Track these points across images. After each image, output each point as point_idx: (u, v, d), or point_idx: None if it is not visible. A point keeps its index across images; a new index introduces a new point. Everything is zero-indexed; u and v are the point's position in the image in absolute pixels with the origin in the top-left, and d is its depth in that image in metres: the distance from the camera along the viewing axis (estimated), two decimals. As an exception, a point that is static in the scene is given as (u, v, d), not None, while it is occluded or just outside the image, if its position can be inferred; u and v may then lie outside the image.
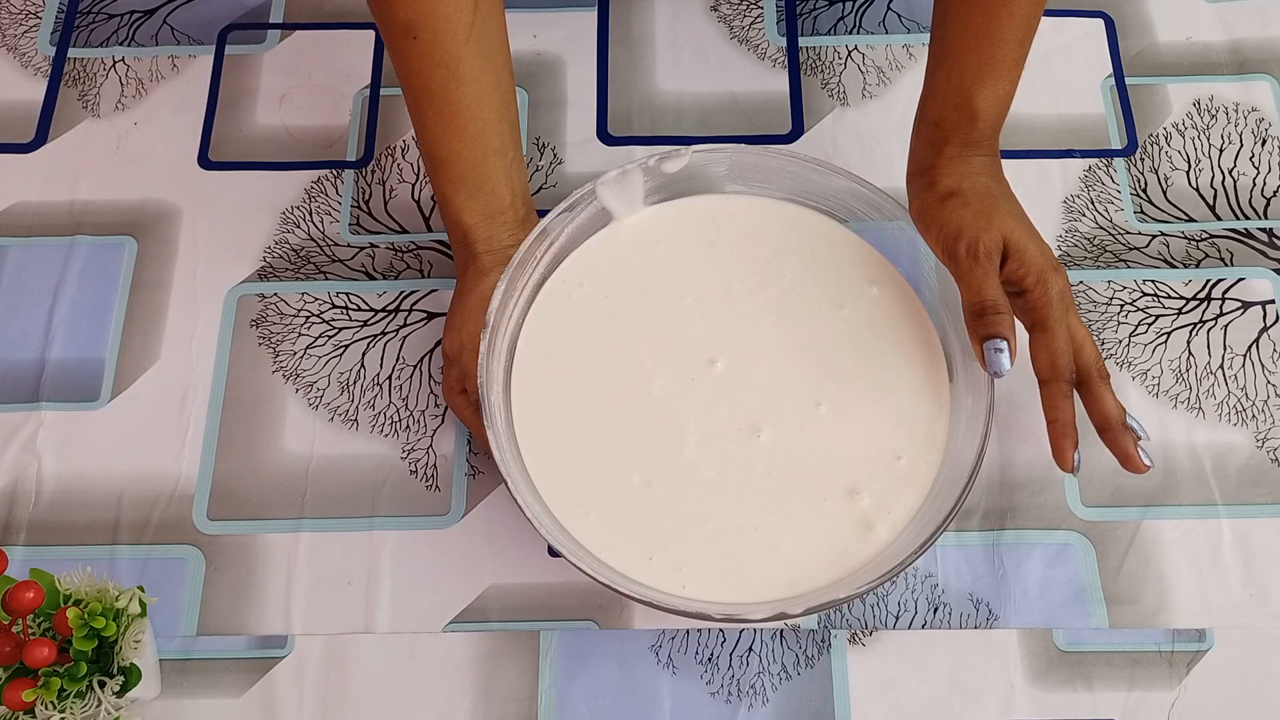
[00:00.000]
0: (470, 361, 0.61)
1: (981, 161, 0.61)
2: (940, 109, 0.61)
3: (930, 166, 0.61)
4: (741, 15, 0.81)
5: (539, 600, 0.63)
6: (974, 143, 0.61)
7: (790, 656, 0.62)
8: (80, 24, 0.81)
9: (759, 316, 0.63)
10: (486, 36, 0.60)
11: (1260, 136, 0.75)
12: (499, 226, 0.63)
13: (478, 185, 0.62)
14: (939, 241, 0.59)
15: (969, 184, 0.60)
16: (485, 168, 0.62)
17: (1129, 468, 0.58)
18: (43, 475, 0.66)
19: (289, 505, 0.65)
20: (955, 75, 0.60)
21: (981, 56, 0.59)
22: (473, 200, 0.63)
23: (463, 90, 0.60)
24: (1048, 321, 0.57)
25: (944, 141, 0.61)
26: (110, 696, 0.55)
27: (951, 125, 0.60)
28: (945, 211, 0.59)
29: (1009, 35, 0.59)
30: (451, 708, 0.61)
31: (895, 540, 0.58)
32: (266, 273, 0.72)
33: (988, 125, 0.60)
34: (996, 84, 0.60)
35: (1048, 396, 0.57)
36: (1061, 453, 0.57)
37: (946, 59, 0.60)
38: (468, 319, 0.62)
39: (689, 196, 0.67)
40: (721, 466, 0.60)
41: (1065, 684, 0.61)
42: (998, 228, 0.57)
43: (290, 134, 0.77)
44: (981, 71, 0.59)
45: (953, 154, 0.60)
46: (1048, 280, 0.57)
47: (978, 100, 0.59)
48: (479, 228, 0.63)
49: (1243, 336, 0.69)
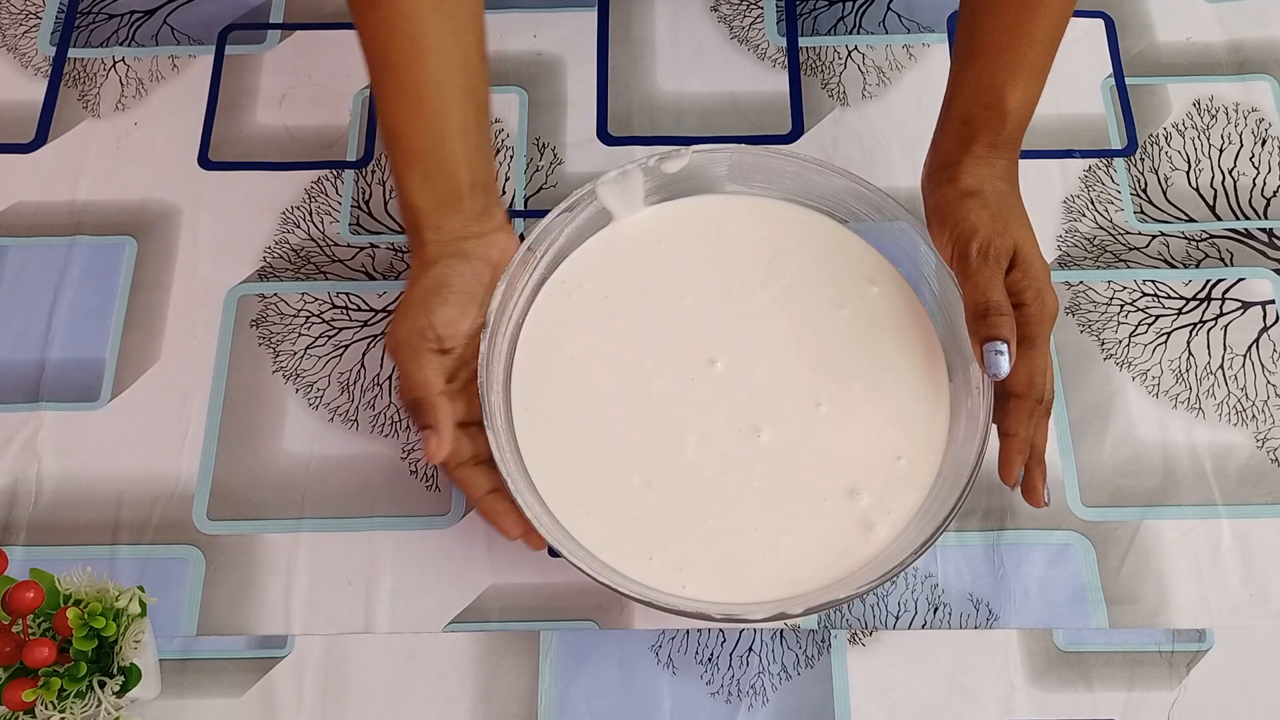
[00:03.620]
0: (407, 359, 0.58)
1: (1004, 165, 0.61)
2: (970, 107, 0.60)
3: (955, 163, 0.61)
4: (741, 15, 0.81)
5: (539, 600, 0.63)
6: (1002, 144, 0.60)
7: (790, 656, 0.62)
8: (80, 24, 0.81)
9: (759, 316, 0.63)
10: (457, 13, 0.58)
11: (1260, 136, 0.75)
12: (452, 214, 0.60)
13: (434, 166, 0.59)
14: (952, 237, 0.59)
15: (990, 186, 0.60)
16: (443, 149, 0.59)
17: (1030, 498, 0.59)
18: (43, 475, 0.66)
19: (289, 505, 0.65)
20: (986, 74, 0.60)
21: (1015, 56, 0.59)
22: (428, 182, 0.59)
23: (425, 64, 0.57)
24: (1036, 339, 0.57)
25: (972, 140, 0.60)
26: (110, 696, 0.55)
27: (981, 124, 0.60)
28: (964, 208, 0.59)
29: (1041, 35, 0.59)
30: (451, 708, 0.61)
31: (895, 540, 0.58)
32: (266, 273, 0.72)
33: (1016, 125, 0.60)
34: (1028, 84, 0.60)
35: (1014, 411, 0.58)
36: (1010, 465, 0.58)
37: (977, 56, 0.60)
38: (404, 315, 0.59)
39: (689, 196, 0.67)
40: (721, 466, 0.60)
41: (1065, 684, 0.61)
42: (1011, 234, 0.58)
43: (290, 134, 0.77)
44: (1013, 71, 0.59)
45: (980, 153, 0.60)
46: (1045, 298, 0.58)
47: (1009, 99, 0.59)
48: (430, 213, 0.60)
49: (1243, 336, 0.69)
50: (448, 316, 0.59)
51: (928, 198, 0.62)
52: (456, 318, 0.59)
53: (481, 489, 0.59)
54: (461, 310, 0.59)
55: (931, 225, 0.61)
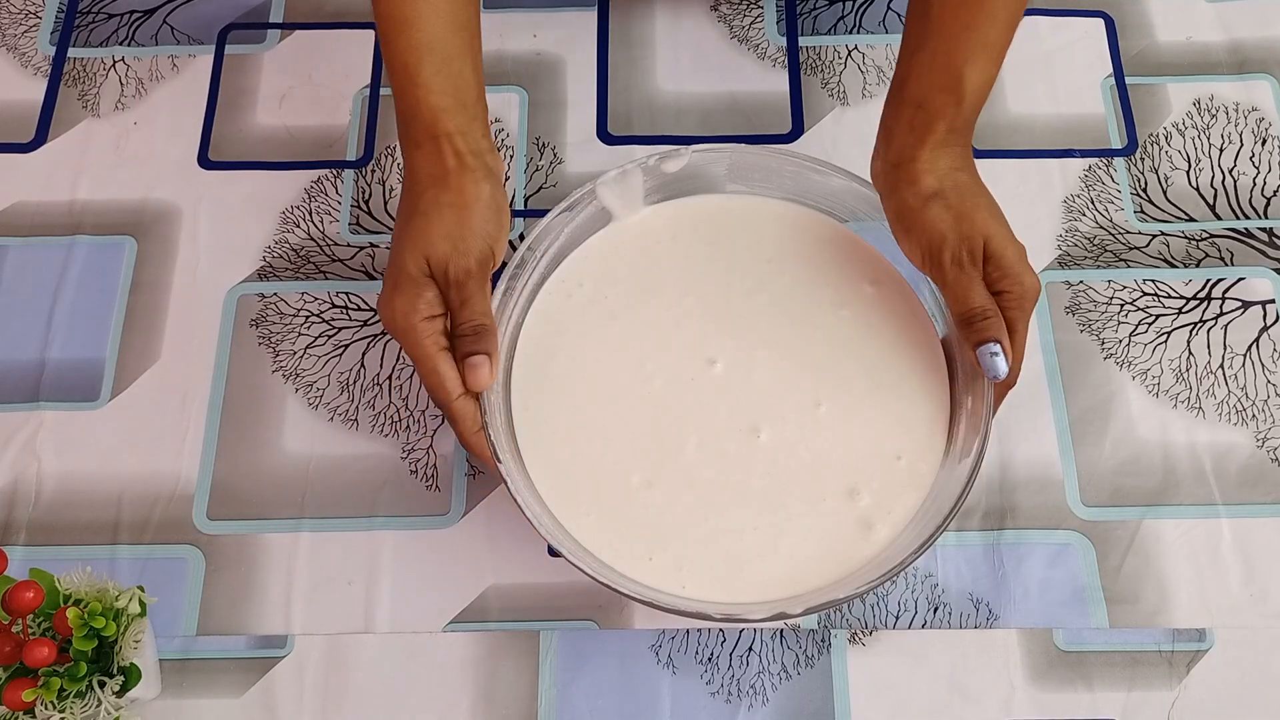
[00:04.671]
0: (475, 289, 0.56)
1: (960, 153, 0.59)
2: (925, 90, 0.58)
3: (911, 159, 0.58)
4: (741, 15, 0.81)
5: (539, 600, 0.63)
6: (958, 128, 0.58)
7: (790, 656, 0.62)
8: (80, 24, 0.81)
9: (759, 316, 0.63)
10: None
11: (1260, 136, 0.75)
12: (473, 119, 0.56)
13: (446, 59, 0.55)
14: (920, 247, 0.58)
15: (950, 182, 0.58)
16: (454, 40, 0.55)
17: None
18: (43, 475, 0.66)
19: (289, 505, 0.65)
20: (943, 54, 0.57)
21: (974, 33, 0.57)
22: (440, 76, 0.55)
23: None
24: (1016, 325, 0.57)
25: (927, 128, 0.58)
26: (110, 696, 0.55)
27: (937, 107, 0.58)
28: (928, 215, 0.57)
29: (1002, 13, 0.57)
30: (451, 708, 0.61)
31: (895, 540, 0.58)
32: (266, 272, 0.72)
33: (972, 109, 0.58)
34: (987, 64, 0.58)
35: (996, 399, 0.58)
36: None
37: (933, 36, 0.58)
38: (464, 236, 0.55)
39: (689, 196, 0.67)
40: (721, 466, 0.60)
41: (1065, 684, 0.61)
42: (979, 231, 0.57)
43: (290, 134, 0.77)
44: (973, 49, 0.57)
45: (935, 141, 0.58)
46: (1024, 281, 0.57)
47: (967, 80, 0.57)
48: (453, 114, 0.55)
49: (1243, 336, 0.69)
50: (502, 243, 0.58)
51: (886, 199, 0.60)
52: (505, 242, 0.59)
53: (476, 422, 0.57)
54: (507, 232, 0.59)
55: (896, 231, 0.60)
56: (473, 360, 0.56)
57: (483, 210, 0.57)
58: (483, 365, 0.56)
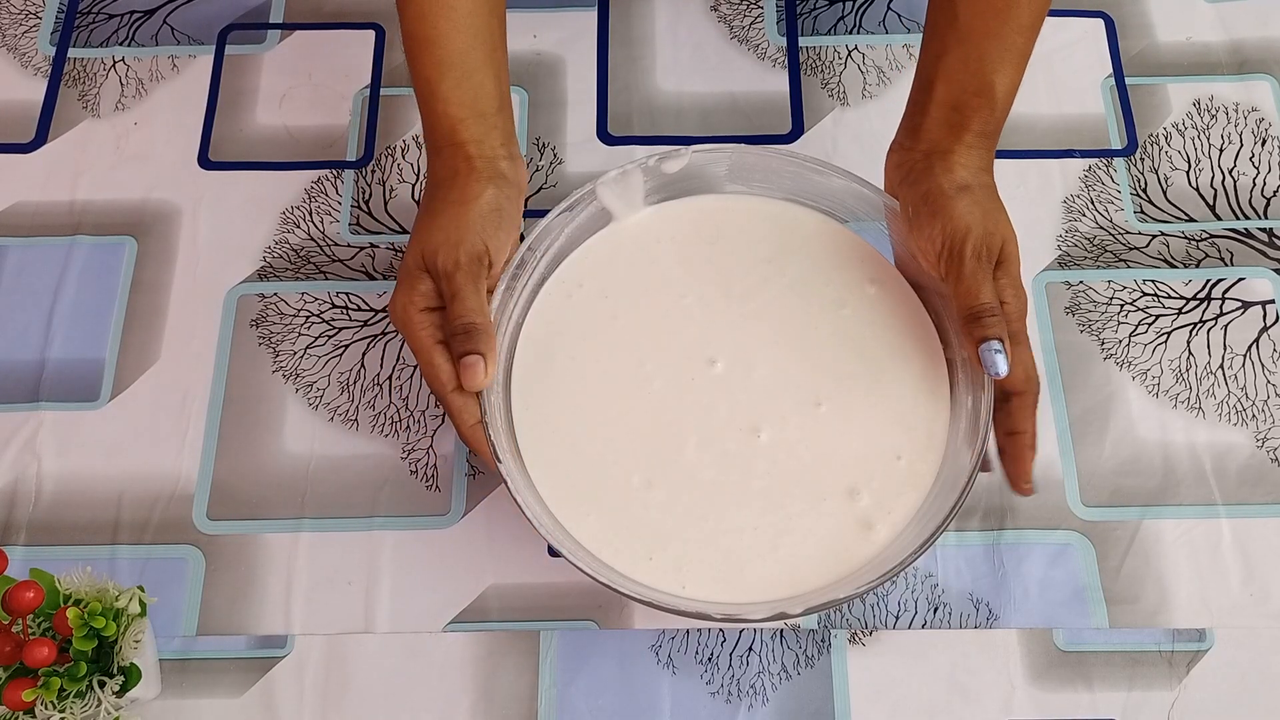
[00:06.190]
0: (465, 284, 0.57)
1: (987, 158, 0.60)
2: (959, 93, 0.59)
3: (948, 151, 0.59)
4: (741, 15, 0.81)
5: (539, 600, 0.63)
6: (990, 132, 0.60)
7: (790, 656, 0.62)
8: (80, 24, 0.81)
9: (759, 316, 0.63)
10: None
11: (1260, 136, 0.75)
12: (490, 129, 0.59)
13: (466, 74, 0.58)
14: (944, 234, 0.57)
15: (978, 181, 0.59)
16: (474, 55, 0.59)
17: (1018, 484, 0.58)
18: (43, 475, 0.66)
19: (289, 505, 0.65)
20: (974, 59, 0.59)
21: (1002, 41, 0.58)
22: (460, 90, 0.58)
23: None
24: (1021, 335, 0.57)
25: (963, 127, 0.59)
26: (110, 696, 0.55)
27: (972, 110, 0.59)
28: (959, 204, 0.58)
29: (1027, 20, 0.58)
30: (451, 708, 0.61)
31: (895, 540, 0.58)
32: (266, 273, 0.72)
33: (1003, 113, 0.60)
34: (1013, 71, 0.59)
35: (1018, 409, 0.58)
36: (1022, 463, 0.57)
37: (964, 40, 0.59)
38: (460, 235, 0.57)
39: (689, 196, 0.67)
40: (721, 466, 0.60)
41: (1065, 684, 0.61)
42: (1000, 234, 0.57)
43: (290, 134, 0.77)
44: (1001, 56, 0.58)
45: (970, 142, 0.59)
46: (1021, 297, 0.58)
47: (998, 86, 0.58)
48: (470, 124, 0.59)
49: (1243, 336, 0.69)
50: (500, 243, 0.59)
51: (912, 185, 0.60)
52: (506, 244, 0.60)
53: (474, 416, 0.58)
54: (510, 236, 0.60)
55: (919, 215, 0.59)
56: (467, 360, 0.56)
57: (480, 208, 0.59)
58: (477, 365, 0.56)
